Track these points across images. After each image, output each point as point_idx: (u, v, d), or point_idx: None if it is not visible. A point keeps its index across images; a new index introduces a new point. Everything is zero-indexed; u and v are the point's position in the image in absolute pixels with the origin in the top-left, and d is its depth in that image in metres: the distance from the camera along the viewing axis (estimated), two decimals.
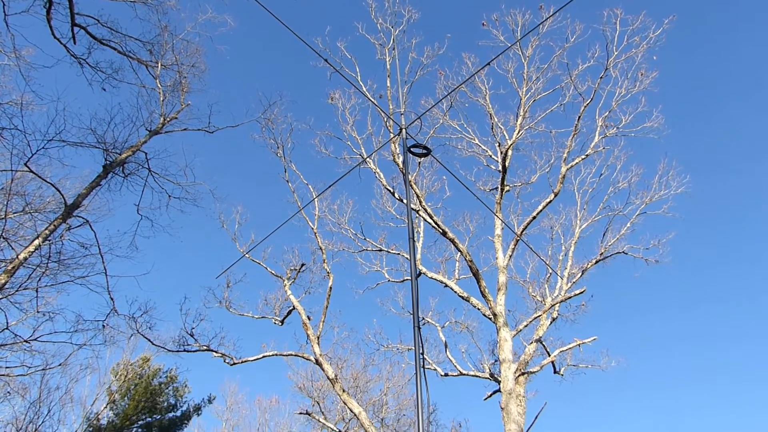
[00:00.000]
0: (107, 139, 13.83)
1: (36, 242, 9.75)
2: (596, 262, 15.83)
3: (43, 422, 19.42)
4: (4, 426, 18.31)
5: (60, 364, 16.16)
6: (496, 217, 14.70)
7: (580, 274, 15.71)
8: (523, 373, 12.82)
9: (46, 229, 9.97)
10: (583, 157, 15.35)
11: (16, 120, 12.47)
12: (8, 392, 17.02)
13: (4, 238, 10.02)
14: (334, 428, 16.13)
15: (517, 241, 14.25)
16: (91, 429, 21.23)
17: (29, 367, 14.77)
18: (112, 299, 11.61)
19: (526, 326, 14.16)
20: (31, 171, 11.03)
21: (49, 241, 10.50)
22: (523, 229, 13.98)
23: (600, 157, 16.42)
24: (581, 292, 14.03)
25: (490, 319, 13.41)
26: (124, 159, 14.02)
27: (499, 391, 12.83)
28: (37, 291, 11.35)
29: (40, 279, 11.12)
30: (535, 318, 14.34)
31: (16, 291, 11.03)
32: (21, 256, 9.45)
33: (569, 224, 17.02)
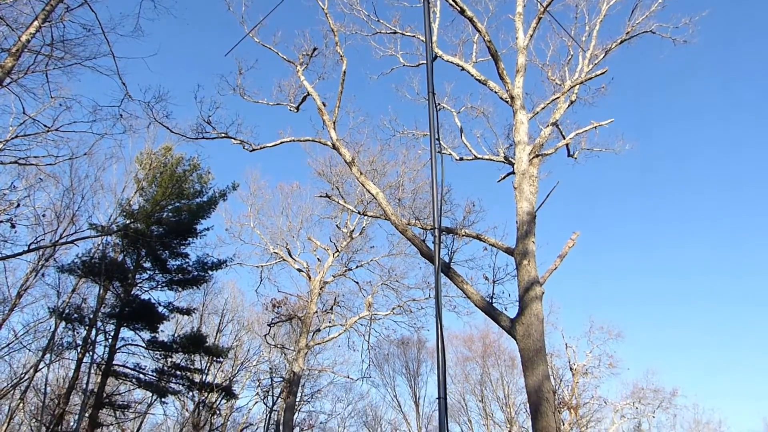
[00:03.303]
0: None
1: (36, 23, 9.40)
2: (621, 42, 15.05)
3: (79, 208, 20.66)
4: (43, 211, 19.55)
5: (85, 154, 16.69)
6: None
7: (603, 55, 15.06)
8: (537, 155, 12.98)
9: (43, 9, 9.53)
10: None
11: None
12: (41, 179, 17.90)
13: (2, 19, 9.63)
14: (354, 209, 16.98)
15: (540, 18, 13.43)
16: (124, 214, 22.61)
17: (56, 157, 15.28)
18: (123, 84, 11.48)
19: (543, 108, 14.00)
20: None
21: (50, 22, 10.11)
22: (548, 5, 13.07)
23: None
24: (602, 73, 13.57)
25: (507, 102, 13.21)
26: None
27: (512, 173, 13.12)
28: (46, 75, 11.24)
29: (47, 63, 10.93)
30: (553, 100, 14.10)
31: (25, 74, 10.90)
32: (23, 38, 9.17)
33: (596, 2, 15.90)
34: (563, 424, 28.90)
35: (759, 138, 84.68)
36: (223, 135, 14.29)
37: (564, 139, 14.49)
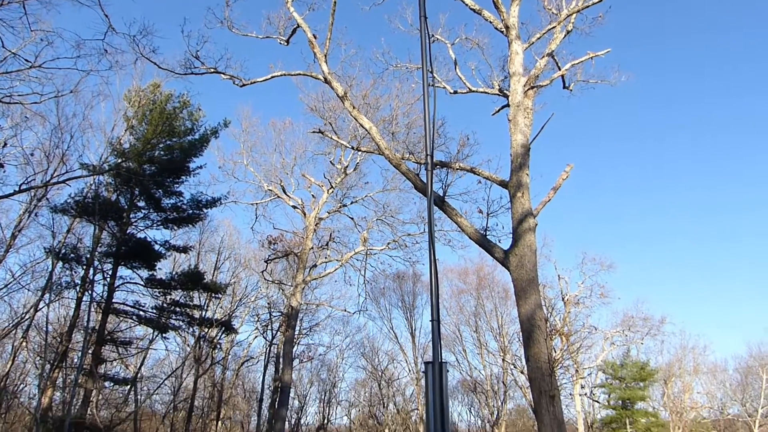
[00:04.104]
0: None
1: None
2: None
3: (68, 148, 20.38)
4: (32, 151, 19.31)
5: (71, 91, 16.28)
6: None
7: None
8: (532, 87, 12.79)
9: None
10: None
11: None
12: (27, 118, 17.58)
13: None
14: (347, 145, 16.84)
15: None
16: (115, 153, 22.36)
17: (41, 95, 14.94)
18: (106, 16, 11.04)
19: (538, 39, 13.68)
20: None
21: None
22: None
23: None
24: (599, 1, 13.23)
25: (502, 32, 12.91)
26: None
27: (507, 105, 12.97)
28: (24, 6, 10.82)
29: None
30: (549, 30, 13.77)
31: (0, 4, 10.52)
32: None
33: None
34: (555, 351, 29.78)
35: (761, 82, 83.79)
36: (212, 70, 14.00)
37: (560, 70, 14.24)
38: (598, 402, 45.08)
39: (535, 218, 10.50)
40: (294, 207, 26.65)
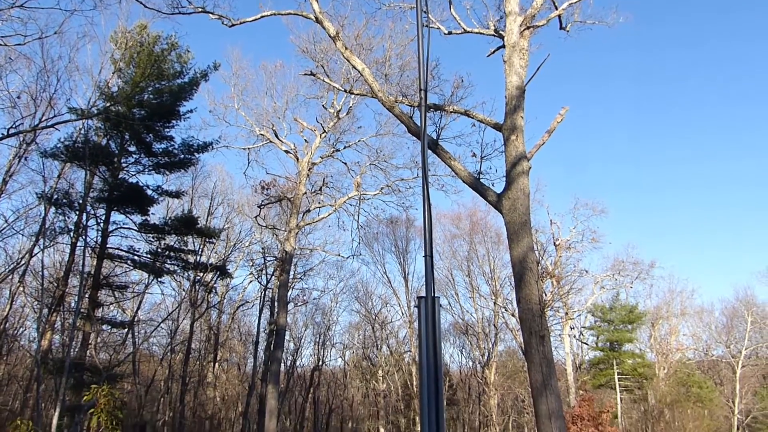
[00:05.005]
0: None
1: None
2: None
3: (55, 91, 19.94)
4: (18, 94, 18.92)
5: (55, 32, 15.77)
6: None
7: None
8: (528, 27, 12.52)
9: None
10: None
11: None
12: (11, 59, 17.13)
13: None
14: (340, 87, 16.59)
15: None
16: (103, 97, 21.95)
17: (25, 36, 14.52)
18: None
19: None
20: None
21: None
22: None
23: None
24: None
25: None
26: None
27: (502, 47, 12.73)
28: None
29: None
30: None
31: None
32: None
33: None
34: (545, 294, 30.32)
35: (759, 26, 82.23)
36: (200, 10, 13.57)
37: (557, 9, 13.92)
38: (586, 344, 46.32)
39: (529, 161, 10.47)
40: (286, 152, 26.47)
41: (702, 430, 37.19)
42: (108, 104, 21.01)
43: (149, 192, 23.11)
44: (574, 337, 41.97)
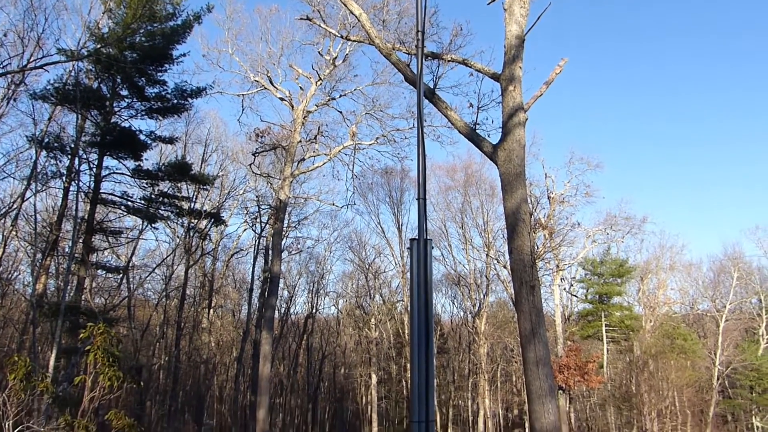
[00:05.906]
0: None
1: None
2: None
3: (44, 31, 19.45)
4: (5, 32, 18.45)
5: None
6: None
7: None
8: None
9: None
10: None
11: None
12: None
13: None
14: (336, 33, 16.21)
15: None
16: (93, 38, 21.40)
17: None
18: None
19: None
20: None
21: None
22: None
23: None
24: None
25: None
26: None
27: None
28: None
29: None
30: None
31: None
32: None
33: None
34: (537, 246, 30.59)
35: None
36: None
37: None
38: (575, 296, 47.04)
39: (526, 113, 10.36)
40: (281, 99, 26.08)
41: (684, 380, 38.28)
42: (98, 46, 20.53)
43: (142, 137, 22.85)
44: (564, 289, 42.60)
